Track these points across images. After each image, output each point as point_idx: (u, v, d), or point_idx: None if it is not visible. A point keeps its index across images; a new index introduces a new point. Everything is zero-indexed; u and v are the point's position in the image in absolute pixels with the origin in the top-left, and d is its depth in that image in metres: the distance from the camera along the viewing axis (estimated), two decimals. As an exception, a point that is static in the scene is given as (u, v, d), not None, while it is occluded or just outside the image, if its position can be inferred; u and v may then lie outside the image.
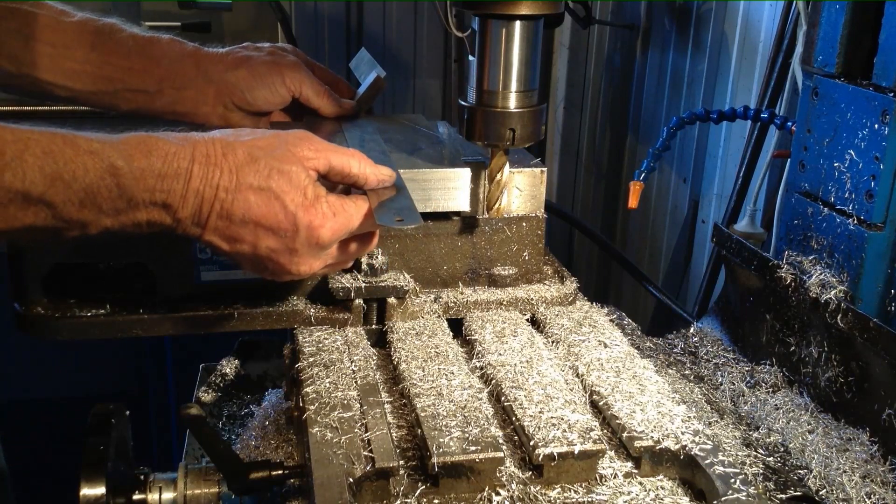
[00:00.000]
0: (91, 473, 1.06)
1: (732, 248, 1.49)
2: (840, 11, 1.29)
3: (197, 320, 1.27)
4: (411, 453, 1.07)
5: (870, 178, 1.23)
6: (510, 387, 1.14)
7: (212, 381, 1.59)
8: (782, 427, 1.24)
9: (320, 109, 1.49)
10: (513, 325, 1.32)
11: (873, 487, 1.09)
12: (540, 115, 1.32)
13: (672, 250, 2.70)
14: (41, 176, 0.95)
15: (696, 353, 1.48)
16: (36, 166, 0.94)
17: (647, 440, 1.04)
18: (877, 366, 1.18)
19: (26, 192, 0.94)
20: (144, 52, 1.40)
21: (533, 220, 1.39)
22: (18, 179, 0.94)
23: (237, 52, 1.46)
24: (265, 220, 1.06)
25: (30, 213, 0.96)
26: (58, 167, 0.96)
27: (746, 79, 2.25)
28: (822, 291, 1.26)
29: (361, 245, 1.17)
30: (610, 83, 3.10)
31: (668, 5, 2.63)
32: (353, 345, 1.24)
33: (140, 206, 1.02)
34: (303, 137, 1.11)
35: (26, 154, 0.94)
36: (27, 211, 0.96)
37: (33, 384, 3.16)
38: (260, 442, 1.27)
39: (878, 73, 1.23)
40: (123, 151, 0.99)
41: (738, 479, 0.98)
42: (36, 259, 1.25)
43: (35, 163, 0.94)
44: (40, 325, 1.25)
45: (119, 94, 1.41)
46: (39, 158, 0.95)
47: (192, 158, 1.03)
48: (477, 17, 1.28)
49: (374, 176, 1.14)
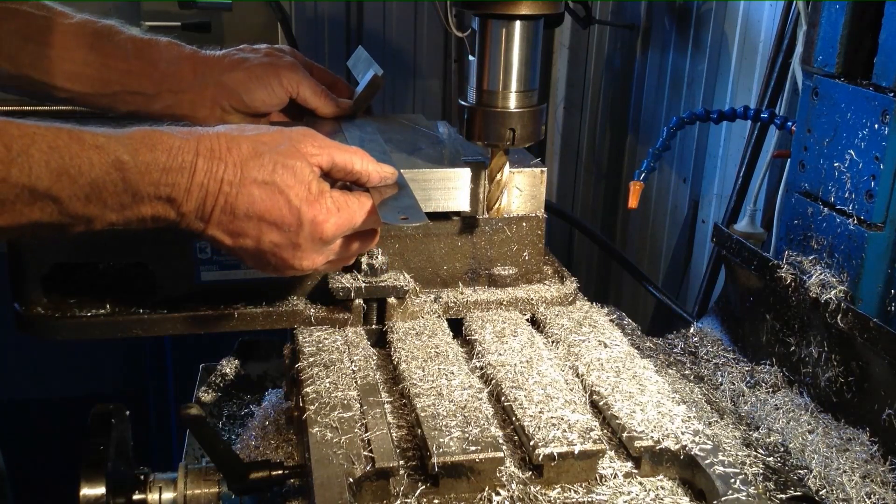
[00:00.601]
0: (91, 473, 1.06)
1: (732, 248, 1.49)
2: (840, 11, 1.29)
3: (197, 320, 1.27)
4: (411, 453, 1.07)
5: (870, 178, 1.23)
6: (510, 387, 1.14)
7: (212, 381, 1.59)
8: (782, 427, 1.24)
9: (318, 110, 1.49)
10: (513, 325, 1.32)
11: (873, 487, 1.09)
12: (540, 115, 1.32)
13: (672, 250, 2.70)
14: (47, 171, 0.94)
15: (696, 353, 1.48)
16: (42, 161, 0.94)
17: (647, 440, 1.04)
18: (877, 366, 1.18)
19: (32, 186, 0.94)
20: (142, 54, 1.40)
21: (533, 220, 1.39)
22: (25, 174, 0.93)
23: (234, 54, 1.46)
24: (269, 214, 1.06)
25: (36, 208, 0.96)
26: (64, 162, 0.95)
27: (746, 79, 2.25)
28: (822, 291, 1.26)
29: (363, 243, 1.17)
30: (610, 83, 3.10)
31: (668, 5, 2.63)
32: (353, 345, 1.24)
33: (145, 201, 1.01)
34: (306, 134, 1.12)
35: (32, 149, 0.94)
36: (33, 206, 0.96)
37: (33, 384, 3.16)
38: (260, 442, 1.27)
39: (878, 73, 1.23)
40: (129, 146, 0.99)
41: (738, 479, 0.98)
42: (36, 259, 1.25)
43: (41, 158, 0.94)
44: (40, 325, 1.25)
45: (117, 96, 1.41)
46: (45, 153, 0.94)
47: (196, 152, 1.03)
48: (477, 17, 1.28)
49: (376, 173, 1.14)
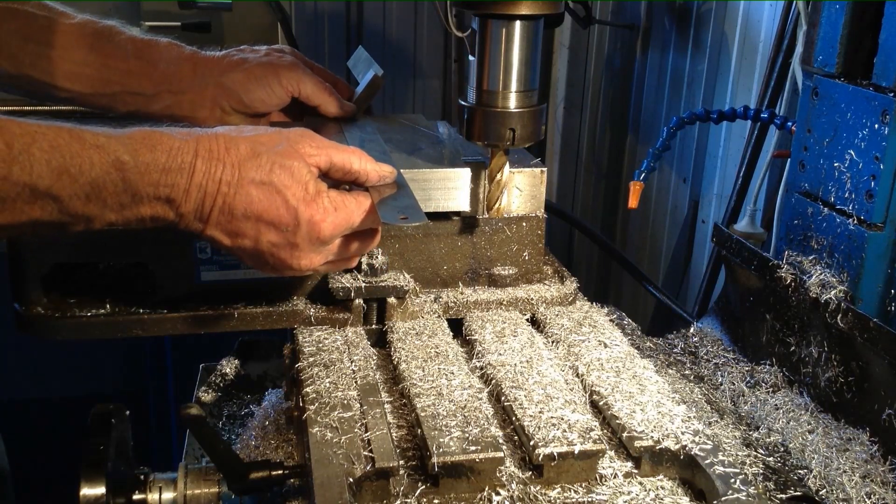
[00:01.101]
0: (91, 473, 1.06)
1: (732, 248, 1.49)
2: (840, 11, 1.29)
3: (197, 320, 1.27)
4: (411, 453, 1.06)
5: (870, 178, 1.23)
6: (510, 387, 1.14)
7: (212, 381, 1.59)
8: (782, 427, 1.24)
9: (321, 107, 1.49)
10: (513, 325, 1.32)
11: (873, 487, 1.09)
12: (540, 115, 1.32)
13: (672, 250, 2.70)
14: (48, 169, 0.95)
15: (696, 353, 1.48)
16: (43, 160, 0.95)
17: (647, 440, 1.04)
18: (877, 366, 1.18)
19: (33, 185, 0.95)
20: (143, 55, 1.40)
21: (533, 220, 1.39)
22: (26, 173, 0.94)
23: (233, 55, 1.46)
24: (266, 214, 1.06)
25: (36, 206, 0.97)
26: (64, 161, 0.96)
27: (746, 79, 2.25)
28: (822, 291, 1.26)
29: (362, 243, 1.17)
30: (610, 83, 3.10)
31: (668, 5, 2.63)
32: (353, 345, 1.24)
33: (144, 201, 1.02)
34: (304, 134, 1.12)
35: (33, 147, 0.94)
36: (34, 205, 0.96)
37: (33, 384, 3.16)
38: (260, 442, 1.27)
39: (878, 73, 1.23)
40: (129, 146, 1.00)
41: (738, 479, 0.98)
42: (36, 259, 1.25)
43: (42, 156, 0.95)
44: (40, 325, 1.25)
45: (117, 96, 1.41)
46: (46, 152, 0.95)
47: (195, 153, 1.03)
48: (477, 17, 1.28)
49: (375, 173, 1.14)
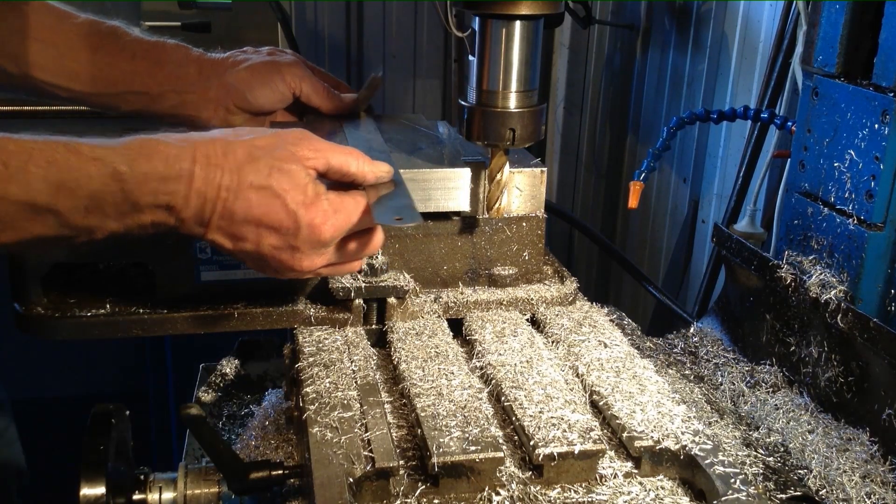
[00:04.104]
0: (91, 473, 1.06)
1: (732, 248, 1.49)
2: (840, 11, 1.29)
3: (197, 320, 1.27)
4: (411, 453, 1.06)
5: (870, 178, 1.23)
6: (510, 387, 1.14)
7: (212, 381, 1.59)
8: (782, 427, 1.24)
9: (320, 107, 1.49)
10: (513, 325, 1.32)
11: (873, 487, 1.09)
12: (540, 115, 1.32)
13: (672, 250, 2.70)
14: (46, 185, 0.96)
15: (696, 353, 1.48)
16: (40, 176, 0.95)
17: (647, 440, 1.04)
18: (877, 366, 1.18)
19: (32, 201, 0.95)
20: (149, 55, 1.40)
21: (533, 220, 1.39)
22: (24, 190, 0.95)
23: (236, 55, 1.47)
24: (266, 218, 1.06)
25: (37, 222, 0.97)
26: (62, 175, 0.96)
27: (746, 79, 2.25)
28: (822, 291, 1.26)
29: (361, 244, 1.17)
30: (610, 83, 3.10)
31: (668, 5, 2.63)
32: (353, 345, 1.24)
33: (144, 210, 1.02)
34: (302, 137, 1.12)
35: (30, 164, 0.95)
36: (34, 221, 0.97)
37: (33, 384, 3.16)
38: (260, 442, 1.28)
39: (878, 73, 1.23)
40: (126, 156, 1.00)
41: (738, 479, 0.98)
42: (36, 259, 1.25)
43: (39, 173, 0.95)
44: (40, 325, 1.25)
45: (121, 96, 1.41)
46: (43, 168, 0.95)
47: (193, 160, 1.03)
48: (477, 17, 1.28)
49: (371, 173, 1.15)
